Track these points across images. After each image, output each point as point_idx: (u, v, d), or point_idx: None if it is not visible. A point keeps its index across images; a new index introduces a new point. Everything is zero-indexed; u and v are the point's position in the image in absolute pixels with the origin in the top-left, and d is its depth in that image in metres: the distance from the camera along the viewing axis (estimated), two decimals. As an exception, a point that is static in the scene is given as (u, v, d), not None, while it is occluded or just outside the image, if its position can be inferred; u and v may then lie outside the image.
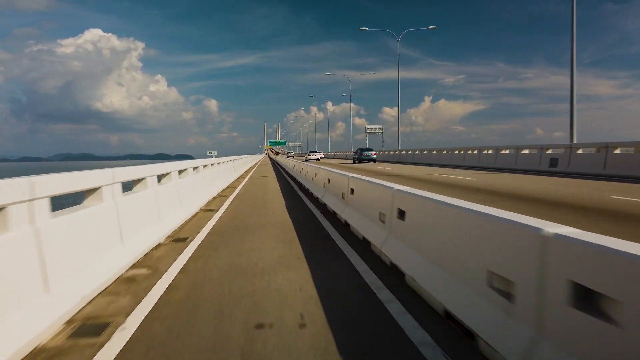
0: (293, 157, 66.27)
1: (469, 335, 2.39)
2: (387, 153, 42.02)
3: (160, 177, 6.57)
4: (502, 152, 21.56)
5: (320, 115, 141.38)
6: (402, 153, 36.66)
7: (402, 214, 3.88)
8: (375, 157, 34.88)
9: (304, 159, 40.62)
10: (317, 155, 51.94)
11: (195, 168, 9.14)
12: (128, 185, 5.19)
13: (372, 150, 35.49)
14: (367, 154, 34.58)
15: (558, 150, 17.27)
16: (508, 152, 21.14)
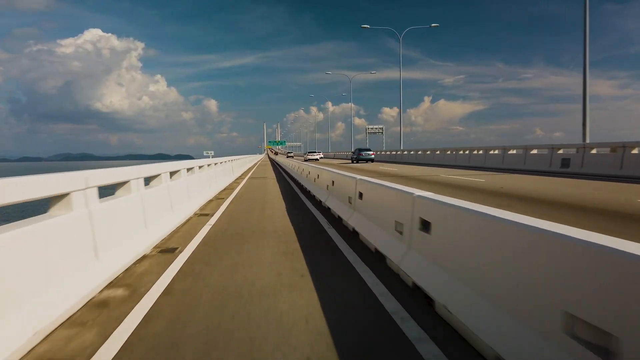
0: (293, 157, 65.84)
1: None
2: (388, 153, 41.34)
3: (149, 179, 5.95)
4: (509, 152, 20.91)
5: (320, 116, 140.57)
6: (404, 153, 36.02)
7: (426, 226, 3.25)
8: (373, 157, 34.90)
9: (303, 159, 40.21)
10: (316, 156, 52.12)
11: (190, 169, 8.51)
12: (110, 190, 4.59)
13: (370, 151, 35.64)
14: (365, 154, 34.64)
15: (570, 150, 16.58)
16: (515, 152, 20.49)
